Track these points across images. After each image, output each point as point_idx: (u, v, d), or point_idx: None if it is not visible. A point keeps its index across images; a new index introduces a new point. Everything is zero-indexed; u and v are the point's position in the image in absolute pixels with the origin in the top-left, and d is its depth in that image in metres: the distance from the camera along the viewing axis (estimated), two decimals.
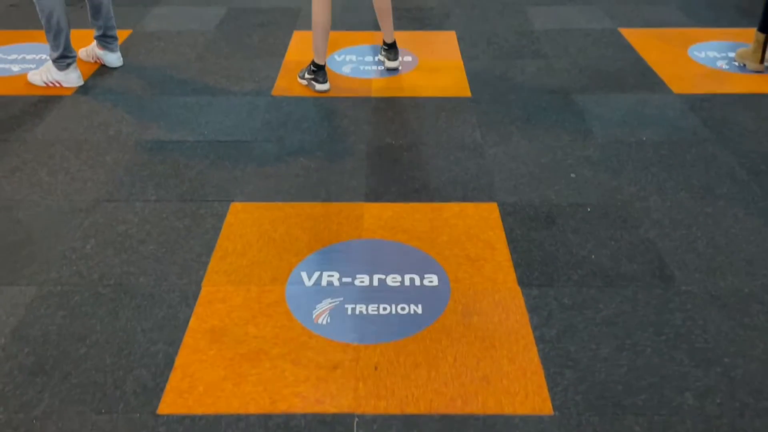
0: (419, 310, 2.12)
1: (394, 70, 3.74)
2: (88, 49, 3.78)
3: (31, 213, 2.57)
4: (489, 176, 2.79)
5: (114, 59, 3.75)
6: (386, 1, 3.53)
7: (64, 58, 3.46)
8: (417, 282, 2.24)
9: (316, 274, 2.27)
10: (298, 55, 3.92)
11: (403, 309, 2.13)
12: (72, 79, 3.52)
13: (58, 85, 3.51)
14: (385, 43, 3.70)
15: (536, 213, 2.57)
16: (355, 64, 3.84)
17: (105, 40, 3.70)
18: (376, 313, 2.11)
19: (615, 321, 2.06)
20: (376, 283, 2.24)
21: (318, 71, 3.48)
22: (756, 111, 3.27)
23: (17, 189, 2.72)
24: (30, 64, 3.79)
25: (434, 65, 3.82)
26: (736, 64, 3.74)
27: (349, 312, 2.12)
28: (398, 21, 4.40)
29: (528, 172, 2.82)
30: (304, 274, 2.27)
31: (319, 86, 3.49)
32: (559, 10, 4.60)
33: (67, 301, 2.15)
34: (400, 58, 3.76)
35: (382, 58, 3.77)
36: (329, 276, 2.27)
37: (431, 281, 2.24)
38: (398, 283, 2.23)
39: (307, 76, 3.53)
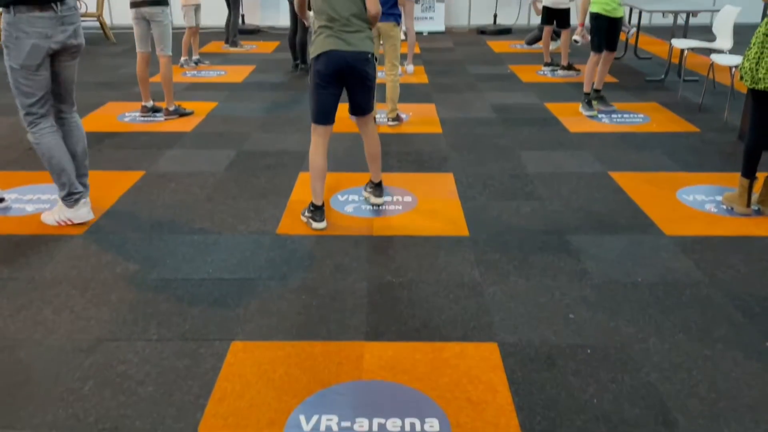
0: None
1: (379, 206, 3.94)
2: None
3: (33, 353, 2.58)
4: (488, 315, 2.82)
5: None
6: (376, 148, 3.83)
7: (71, 195, 3.60)
8: (418, 427, 2.20)
9: (315, 418, 2.24)
10: (303, 195, 4.09)
11: None
12: (82, 214, 3.64)
13: (69, 222, 3.64)
14: (371, 182, 3.95)
15: (536, 354, 2.57)
16: (357, 203, 3.99)
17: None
18: None
19: None
20: (375, 428, 2.20)
21: (316, 211, 3.65)
22: (747, 253, 3.36)
23: (21, 328, 2.74)
24: (44, 204, 3.94)
25: (433, 205, 3.97)
26: (724, 207, 3.89)
27: None
28: (399, 163, 4.63)
29: (527, 312, 2.85)
30: (302, 418, 2.24)
31: (315, 224, 3.64)
32: (551, 154, 4.85)
33: None
34: (384, 197, 3.97)
35: (367, 195, 4.00)
36: (328, 420, 2.23)
37: (432, 426, 2.20)
38: (398, 428, 2.19)
39: (306, 214, 3.69)
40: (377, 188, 3.94)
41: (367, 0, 3.35)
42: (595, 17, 5.60)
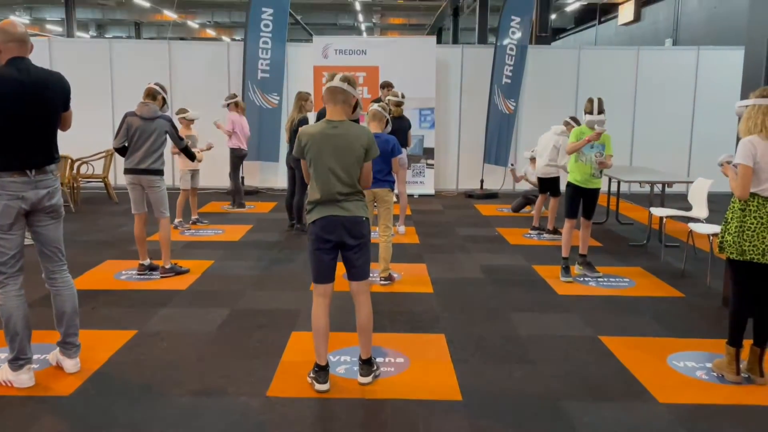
0: None
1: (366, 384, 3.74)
2: (55, 351, 3.90)
3: None
4: None
5: (71, 365, 3.81)
6: (368, 323, 3.75)
7: (17, 360, 3.60)
8: None
9: None
10: (295, 356, 4.08)
11: None
12: (23, 380, 3.60)
13: (9, 384, 3.59)
14: (360, 359, 3.80)
15: None
16: (348, 365, 3.97)
17: (64, 346, 3.82)
18: None
19: None
20: None
21: (319, 372, 3.64)
22: (741, 422, 3.32)
23: None
24: (33, 364, 3.86)
25: (425, 367, 3.95)
26: (715, 374, 3.89)
27: None
28: (390, 324, 4.66)
29: None
30: None
31: (317, 386, 3.62)
32: (540, 317, 4.92)
33: None
34: (371, 376, 3.76)
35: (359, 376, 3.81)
36: None
37: None
38: None
39: (311, 375, 3.69)
40: (365, 366, 3.76)
41: (363, 178, 3.64)
42: (568, 184, 5.97)
